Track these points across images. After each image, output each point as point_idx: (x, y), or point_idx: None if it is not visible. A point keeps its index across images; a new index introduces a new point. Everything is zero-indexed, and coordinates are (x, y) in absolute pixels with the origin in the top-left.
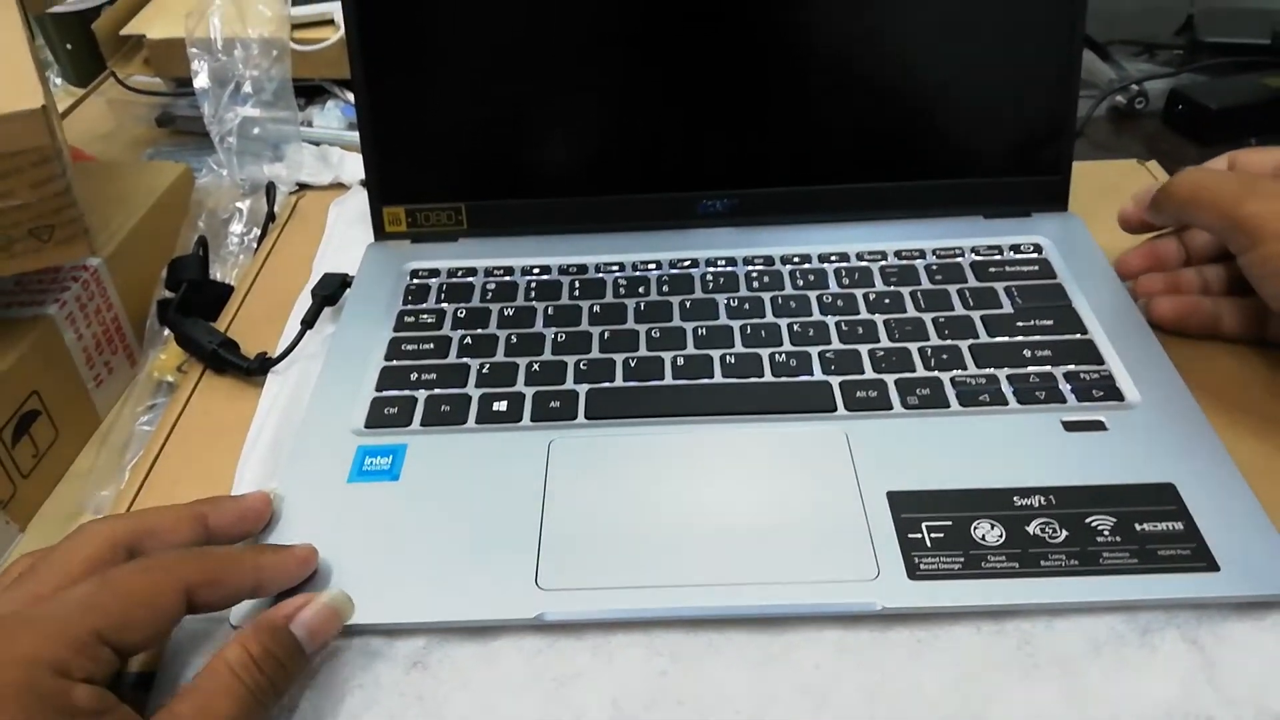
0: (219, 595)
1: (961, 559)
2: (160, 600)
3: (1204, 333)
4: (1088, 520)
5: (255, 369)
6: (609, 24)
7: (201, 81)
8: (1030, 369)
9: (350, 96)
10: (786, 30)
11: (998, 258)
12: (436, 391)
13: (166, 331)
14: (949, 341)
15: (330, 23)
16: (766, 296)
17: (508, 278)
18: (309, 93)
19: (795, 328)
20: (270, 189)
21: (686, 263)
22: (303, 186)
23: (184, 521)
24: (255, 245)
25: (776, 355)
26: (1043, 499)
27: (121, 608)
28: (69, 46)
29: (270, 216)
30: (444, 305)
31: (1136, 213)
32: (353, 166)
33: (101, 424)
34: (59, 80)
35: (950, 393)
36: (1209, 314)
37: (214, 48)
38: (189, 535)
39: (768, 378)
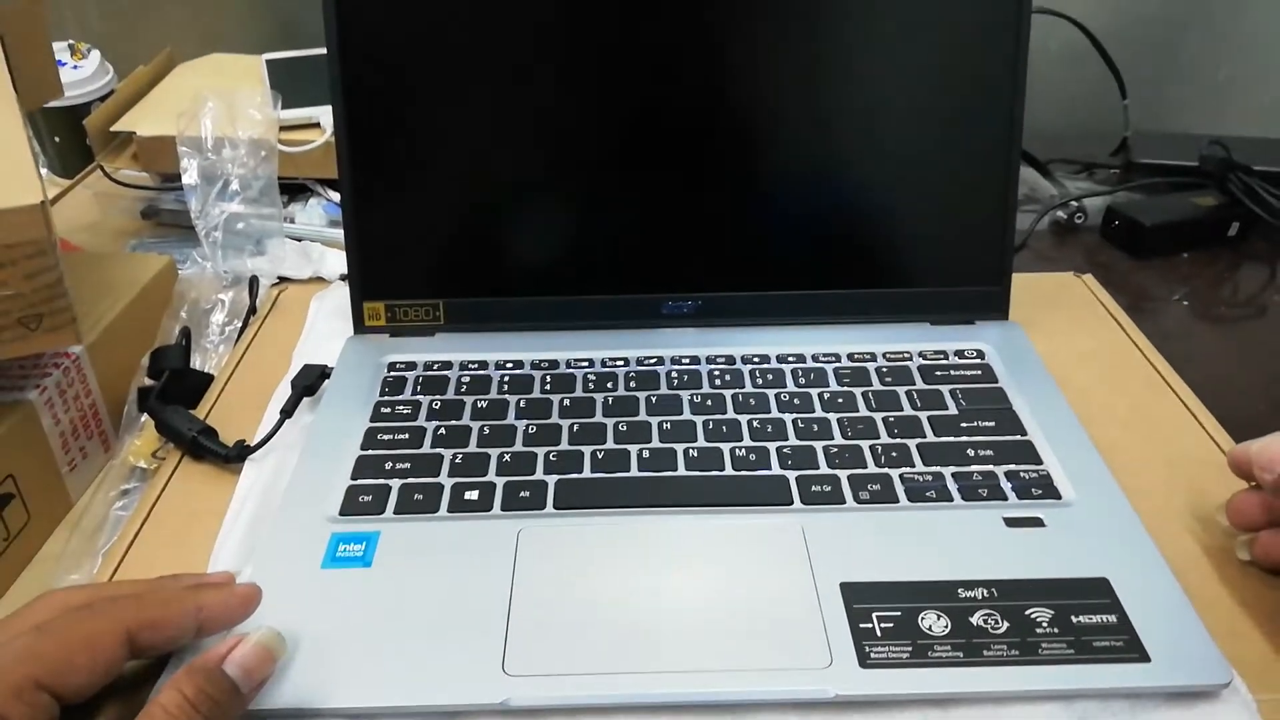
0: (161, 638)
1: (910, 648)
2: (99, 645)
3: None
4: (1027, 612)
5: (233, 456)
6: (584, 139)
7: (190, 178)
8: (974, 468)
9: (331, 195)
10: (747, 150)
11: (943, 362)
12: (410, 480)
13: (143, 418)
14: (898, 440)
15: (316, 125)
16: (728, 394)
17: (482, 371)
18: (292, 190)
19: (754, 424)
20: (253, 282)
21: (653, 360)
22: (284, 280)
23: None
24: (236, 336)
25: (737, 450)
26: (985, 591)
27: (61, 654)
28: (57, 139)
29: (252, 309)
30: (420, 397)
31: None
32: (333, 262)
33: (73, 508)
34: (45, 171)
35: (899, 489)
36: None
37: (204, 146)
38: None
39: (728, 471)
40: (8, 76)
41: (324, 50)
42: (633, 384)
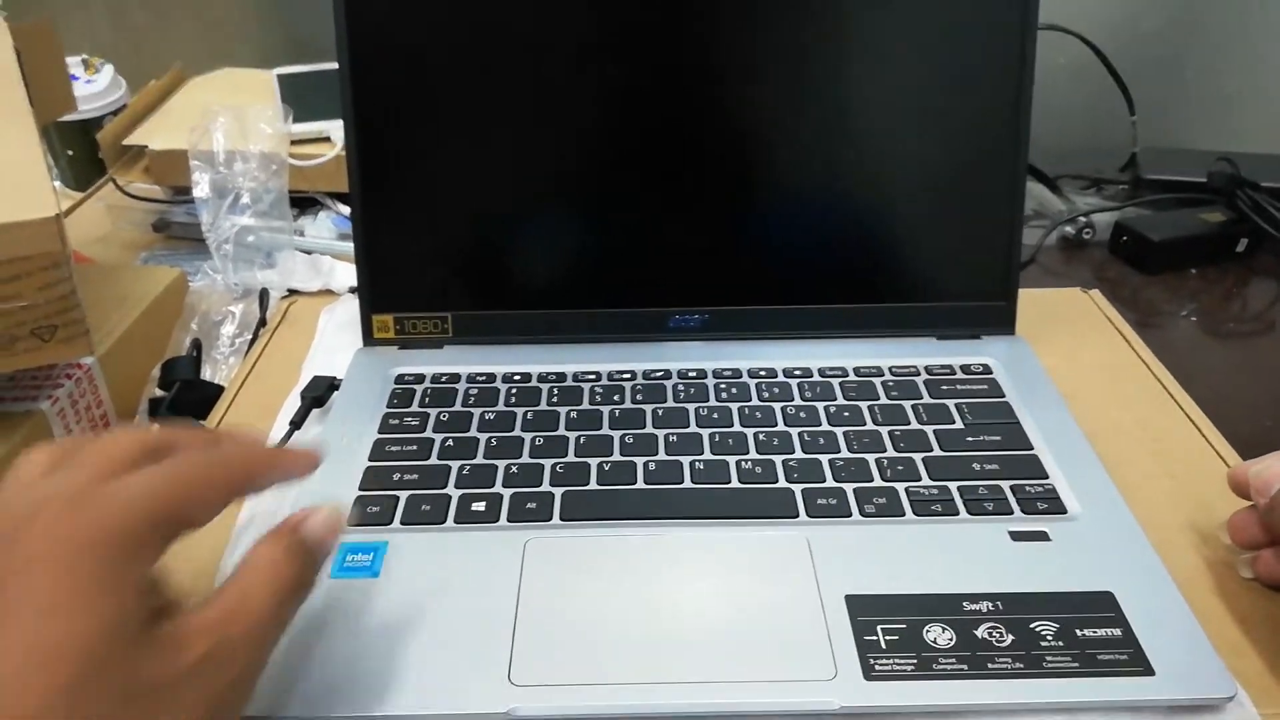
0: (250, 490)
1: (914, 661)
2: (213, 492)
3: None
4: (1032, 625)
5: None
6: (592, 153)
7: (202, 191)
8: (979, 482)
9: (341, 208)
10: (754, 165)
11: (949, 376)
12: (418, 491)
13: (155, 428)
14: (904, 454)
15: (327, 139)
16: (734, 407)
17: (490, 384)
18: (302, 203)
19: (761, 437)
20: (263, 294)
21: (659, 373)
22: (293, 292)
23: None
24: (246, 348)
25: (743, 463)
26: (990, 605)
27: (183, 494)
28: (70, 152)
29: (262, 321)
30: (428, 409)
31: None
32: (342, 275)
33: None
34: (58, 184)
35: (905, 502)
36: None
37: (216, 160)
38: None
39: (734, 484)
40: (24, 91)
41: (335, 65)
42: (639, 396)
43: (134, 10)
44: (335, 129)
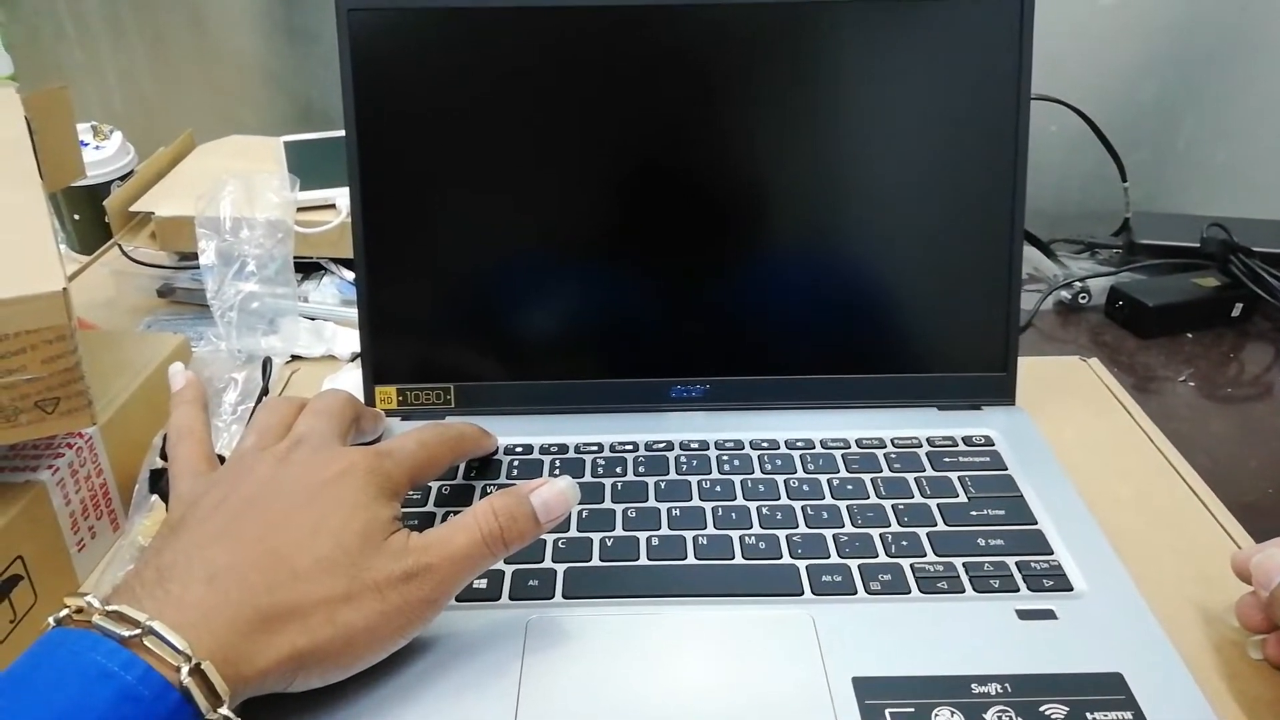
0: (461, 459)
1: None
2: (441, 462)
3: None
4: (1042, 709)
5: None
6: (595, 226)
7: (208, 258)
8: (984, 558)
9: (345, 273)
10: (755, 237)
11: (951, 448)
12: None
13: (154, 498)
14: (909, 528)
15: (332, 207)
16: (737, 480)
17: (491, 456)
18: (306, 269)
19: (764, 511)
20: (266, 363)
21: (661, 444)
22: (296, 358)
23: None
24: (249, 416)
25: (746, 538)
26: (999, 687)
27: (428, 459)
28: (76, 217)
29: (265, 389)
30: (429, 482)
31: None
32: (345, 341)
33: (80, 588)
34: (63, 247)
35: (911, 579)
36: None
37: (222, 227)
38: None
39: (738, 560)
40: (34, 161)
41: (341, 133)
42: (642, 468)
43: (144, 78)
44: (341, 196)
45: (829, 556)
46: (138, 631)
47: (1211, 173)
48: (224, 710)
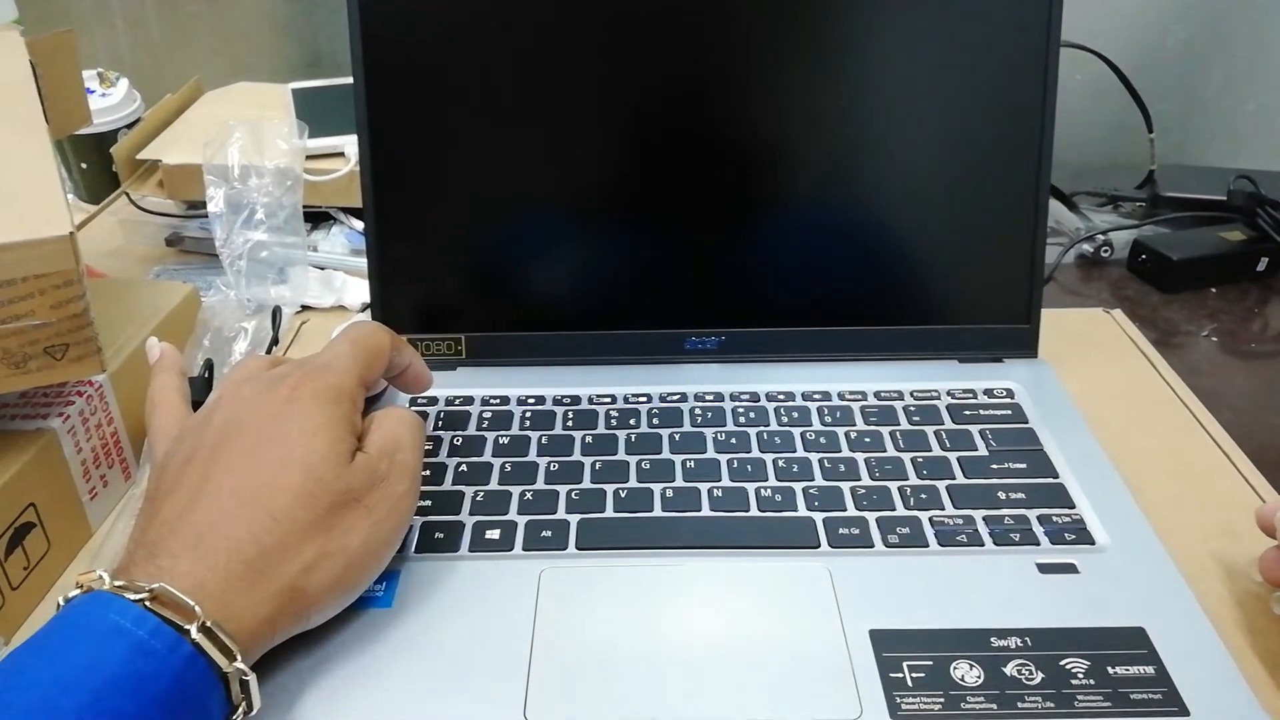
0: (398, 362)
1: (942, 699)
2: (382, 350)
3: None
4: (1062, 663)
5: None
6: (609, 175)
7: (216, 207)
8: (1005, 511)
9: (355, 223)
10: (773, 186)
11: (972, 401)
12: (431, 518)
13: None
14: (928, 481)
15: (341, 155)
16: (752, 432)
17: (503, 407)
18: (315, 218)
19: (780, 463)
20: (276, 312)
21: (676, 396)
22: (306, 309)
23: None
24: None
25: (762, 490)
26: (1019, 640)
27: (369, 361)
28: (84, 166)
29: (274, 339)
30: (441, 433)
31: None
32: (355, 291)
33: (93, 536)
34: (71, 197)
35: (929, 532)
36: None
37: (230, 175)
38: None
39: (753, 512)
40: (40, 107)
41: (350, 80)
42: (656, 421)
43: (152, 24)
44: (350, 144)
45: (846, 509)
46: (145, 595)
47: (1240, 123)
48: (239, 664)
